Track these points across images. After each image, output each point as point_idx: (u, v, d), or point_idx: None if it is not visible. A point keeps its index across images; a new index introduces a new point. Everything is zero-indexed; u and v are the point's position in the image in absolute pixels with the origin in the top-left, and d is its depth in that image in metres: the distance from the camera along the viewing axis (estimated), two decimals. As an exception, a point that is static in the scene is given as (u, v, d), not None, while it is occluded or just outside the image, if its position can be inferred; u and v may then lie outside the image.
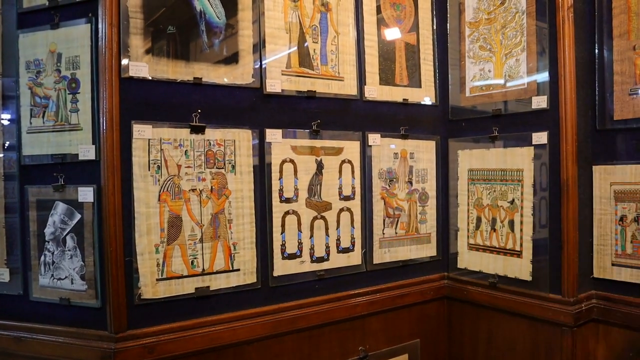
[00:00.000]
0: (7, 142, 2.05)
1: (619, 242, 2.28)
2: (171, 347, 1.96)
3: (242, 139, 2.15)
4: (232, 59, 2.13)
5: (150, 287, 1.95)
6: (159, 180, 1.96)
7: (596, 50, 2.36)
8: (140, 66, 1.91)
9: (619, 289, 2.27)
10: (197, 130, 2.04)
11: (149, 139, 1.94)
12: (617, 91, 2.29)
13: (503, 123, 2.54)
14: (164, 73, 1.97)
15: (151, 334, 1.93)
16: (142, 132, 1.92)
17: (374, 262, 2.55)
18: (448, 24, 2.79)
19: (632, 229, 2.24)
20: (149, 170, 1.94)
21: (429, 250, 2.77)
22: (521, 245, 2.43)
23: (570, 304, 2.23)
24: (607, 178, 2.32)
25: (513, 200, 2.47)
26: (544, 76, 2.36)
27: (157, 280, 1.97)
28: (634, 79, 2.24)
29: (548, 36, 2.34)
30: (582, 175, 2.33)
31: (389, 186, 2.60)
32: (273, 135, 2.24)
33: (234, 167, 2.13)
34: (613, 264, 2.29)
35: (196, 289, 2.05)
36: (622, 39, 2.28)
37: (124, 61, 1.89)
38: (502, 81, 2.54)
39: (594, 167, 2.36)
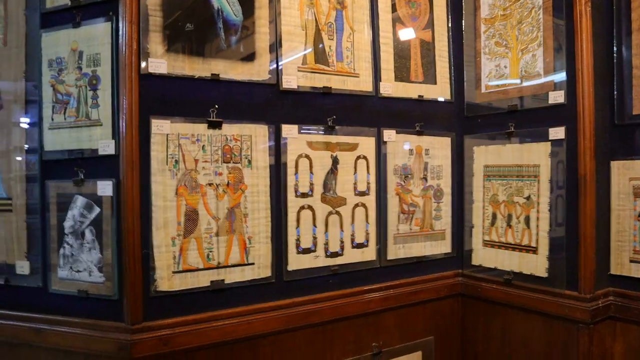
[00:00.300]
0: (27, 145, 2.12)
1: (638, 238, 2.28)
2: (186, 340, 2.00)
3: (258, 134, 2.19)
4: (249, 55, 2.18)
5: (166, 280, 2.00)
6: (176, 175, 2.02)
7: (614, 45, 2.36)
8: (159, 63, 1.97)
9: (637, 286, 2.27)
10: (215, 125, 2.09)
11: (167, 134, 1.99)
12: (636, 85, 2.29)
13: (519, 119, 2.55)
14: (182, 69, 2.03)
15: (166, 326, 1.98)
16: (160, 127, 1.98)
17: (388, 258, 2.57)
18: (463, 21, 2.81)
19: (651, 225, 2.25)
20: (167, 164, 2.00)
21: (443, 247, 2.79)
22: (537, 241, 2.44)
23: (586, 301, 2.23)
24: (626, 173, 2.32)
25: (529, 196, 2.48)
26: (561, 71, 2.37)
27: (173, 272, 2.01)
28: (653, 73, 2.25)
29: (565, 31, 2.35)
30: (599, 171, 2.33)
31: (404, 182, 2.63)
32: (289, 130, 2.28)
33: (250, 162, 2.17)
34: (631, 261, 2.29)
35: (211, 282, 2.09)
36: (641, 34, 2.29)
37: (143, 58, 1.95)
38: (518, 77, 2.55)
39: (612, 162, 2.37)
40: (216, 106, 2.09)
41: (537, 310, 2.41)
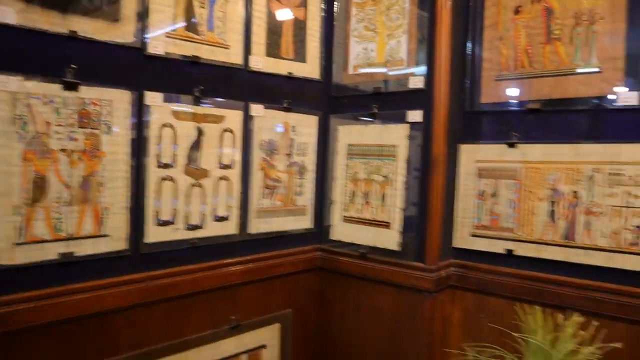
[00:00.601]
0: None
1: (478, 214, 2.60)
2: (29, 317, 1.90)
3: (120, 100, 2.14)
4: (114, 15, 2.11)
5: (7, 252, 1.88)
6: (24, 138, 1.91)
7: (469, 38, 2.64)
8: (6, 11, 1.83)
9: (474, 257, 2.59)
10: (71, 86, 2.00)
11: (14, 92, 1.87)
12: (485, 77, 2.60)
13: (383, 101, 2.75)
14: (36, 22, 1.90)
15: (5, 304, 1.85)
16: (6, 84, 1.85)
17: (250, 232, 2.66)
18: (336, 3, 2.96)
19: (489, 203, 2.56)
20: (14, 126, 1.89)
21: (304, 222, 2.94)
22: (392, 217, 2.68)
23: (431, 271, 2.50)
24: (472, 156, 2.62)
25: (387, 174, 2.70)
26: (422, 58, 2.60)
27: (16, 244, 1.90)
28: (499, 66, 2.54)
29: (428, 21, 2.58)
30: (450, 153, 2.62)
31: (270, 157, 2.72)
32: (153, 98, 2.25)
33: (109, 128, 2.11)
34: (471, 235, 2.61)
35: (60, 254, 2.01)
36: (492, 30, 2.58)
37: (-13, 4, 1.80)
38: (383, 61, 2.75)
39: (461, 145, 2.66)
40: (73, 66, 1.99)
41: (389, 281, 2.64)
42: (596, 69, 2.27)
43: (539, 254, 2.40)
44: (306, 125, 2.89)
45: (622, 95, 2.19)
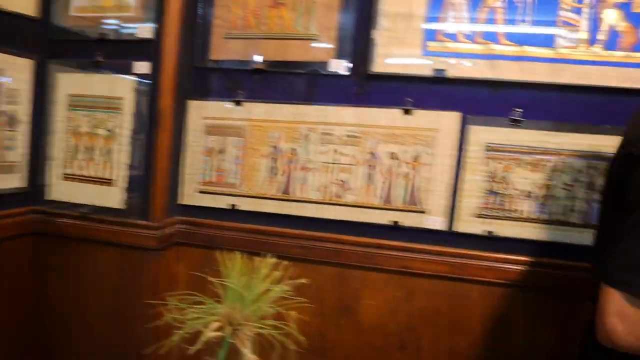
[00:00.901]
0: None
1: (205, 171, 2.65)
2: None
3: None
4: None
5: None
6: None
7: (202, -7, 2.62)
8: None
9: (201, 213, 2.65)
10: None
11: None
12: (215, 33, 2.60)
13: (109, 49, 2.58)
14: None
15: None
16: None
17: (-57, 193, 2.29)
18: None
19: (217, 160, 2.62)
20: None
21: (15, 181, 2.61)
22: (117, 174, 2.57)
23: (156, 229, 2.49)
24: (200, 113, 2.63)
25: (112, 129, 2.57)
26: (152, 6, 2.49)
27: None
28: (229, 24, 2.57)
29: (159, -31, 2.48)
30: (179, 109, 2.59)
31: (-32, 105, 2.37)
32: None
33: None
34: (198, 191, 2.66)
35: None
36: (224, -12, 2.60)
37: None
38: (111, 5, 2.57)
39: (190, 101, 2.65)
40: None
41: (113, 241, 2.55)
42: (314, 37, 2.47)
43: (260, 207, 2.56)
44: (18, 70, 2.56)
45: (333, 63, 2.45)
